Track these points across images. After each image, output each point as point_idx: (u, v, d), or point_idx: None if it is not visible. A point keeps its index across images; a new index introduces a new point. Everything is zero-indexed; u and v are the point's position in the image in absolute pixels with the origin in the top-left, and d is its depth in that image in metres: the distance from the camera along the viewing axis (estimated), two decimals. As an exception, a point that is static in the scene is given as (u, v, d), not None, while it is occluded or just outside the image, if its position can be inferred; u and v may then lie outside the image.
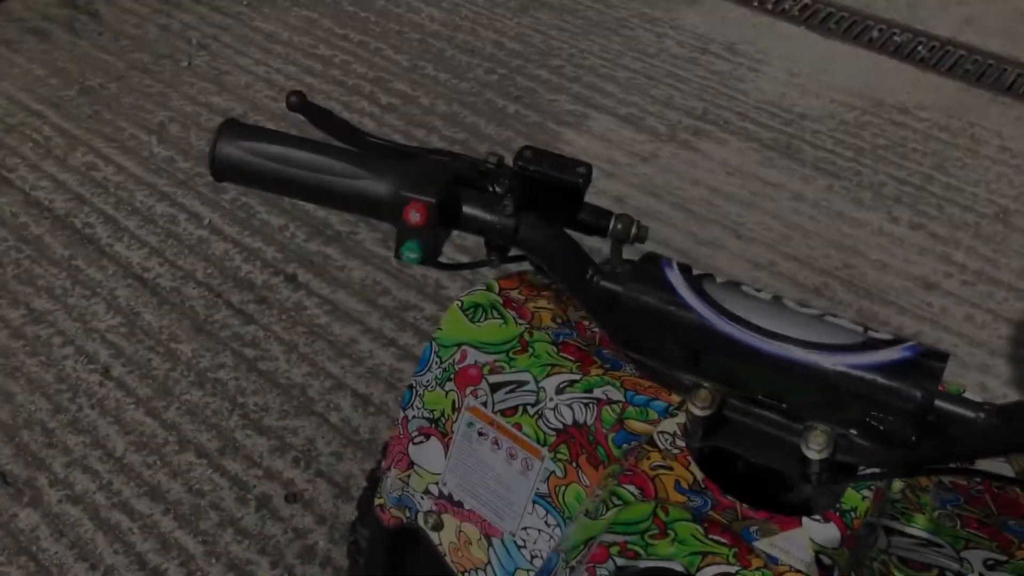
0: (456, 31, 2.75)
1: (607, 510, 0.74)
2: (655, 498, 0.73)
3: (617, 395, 0.86)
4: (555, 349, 0.90)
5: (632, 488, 0.75)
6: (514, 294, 0.96)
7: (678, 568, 0.68)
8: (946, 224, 2.14)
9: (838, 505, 0.71)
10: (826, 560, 0.69)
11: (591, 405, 0.86)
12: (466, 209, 0.67)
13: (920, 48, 2.67)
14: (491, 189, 0.70)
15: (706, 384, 0.68)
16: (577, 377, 0.87)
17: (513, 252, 0.72)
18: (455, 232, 0.70)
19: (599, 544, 0.71)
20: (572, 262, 0.69)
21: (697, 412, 0.69)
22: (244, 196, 2.18)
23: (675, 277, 0.65)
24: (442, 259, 0.70)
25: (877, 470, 0.68)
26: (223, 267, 2.02)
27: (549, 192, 0.72)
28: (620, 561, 0.69)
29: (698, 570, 0.68)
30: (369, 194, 0.66)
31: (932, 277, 2.03)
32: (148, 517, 1.59)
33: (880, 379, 0.59)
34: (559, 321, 0.94)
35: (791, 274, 2.05)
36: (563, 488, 0.87)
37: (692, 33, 2.73)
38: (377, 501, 1.01)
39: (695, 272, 0.66)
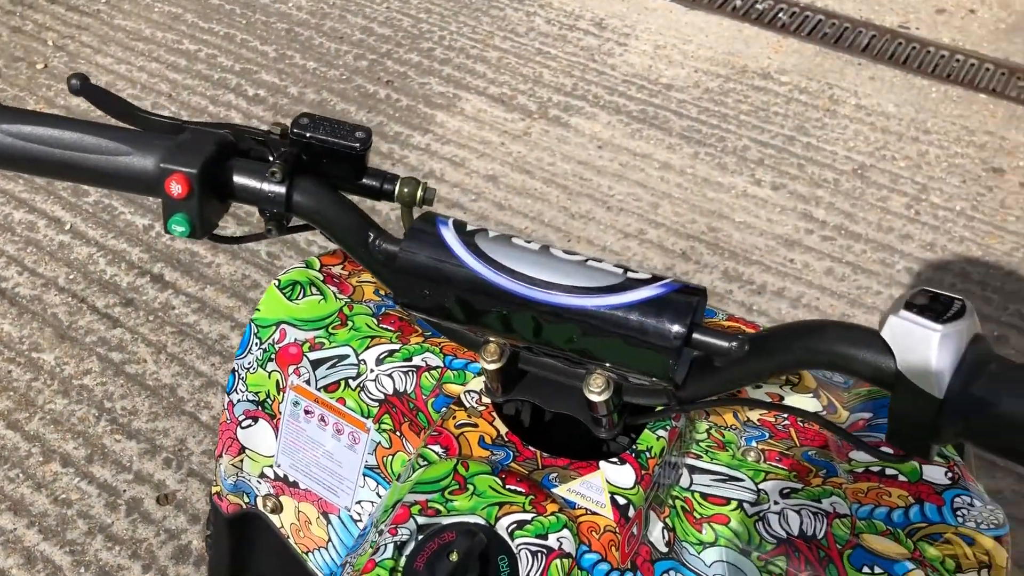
0: (324, 19, 2.72)
1: (414, 472, 0.74)
2: (458, 455, 0.74)
3: (436, 361, 0.87)
4: (375, 321, 0.90)
5: (437, 448, 0.75)
6: (336, 269, 0.96)
7: (479, 521, 0.69)
8: (807, 183, 2.21)
9: (634, 447, 0.73)
10: (621, 500, 0.71)
11: (411, 373, 0.86)
12: (236, 179, 0.67)
13: (781, 14, 2.75)
14: (270, 159, 0.70)
15: (492, 338, 0.69)
16: (397, 347, 0.88)
17: (297, 222, 0.72)
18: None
19: (401, 505, 0.71)
20: (352, 226, 0.69)
21: (487, 366, 0.70)
22: (107, 198, 2.12)
23: (449, 234, 0.66)
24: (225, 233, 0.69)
25: (658, 408, 0.70)
26: (87, 271, 1.97)
27: (330, 158, 0.72)
28: (421, 520, 0.70)
29: (496, 520, 0.69)
30: (134, 170, 0.65)
31: (794, 235, 2.09)
32: (11, 532, 1.54)
33: (637, 316, 0.61)
34: (382, 294, 0.94)
35: (659, 241, 2.09)
36: (390, 458, 0.87)
37: (561, 11, 2.76)
38: (214, 489, 1.00)
39: (469, 228, 0.67)
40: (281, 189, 0.67)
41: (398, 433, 0.86)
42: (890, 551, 0.73)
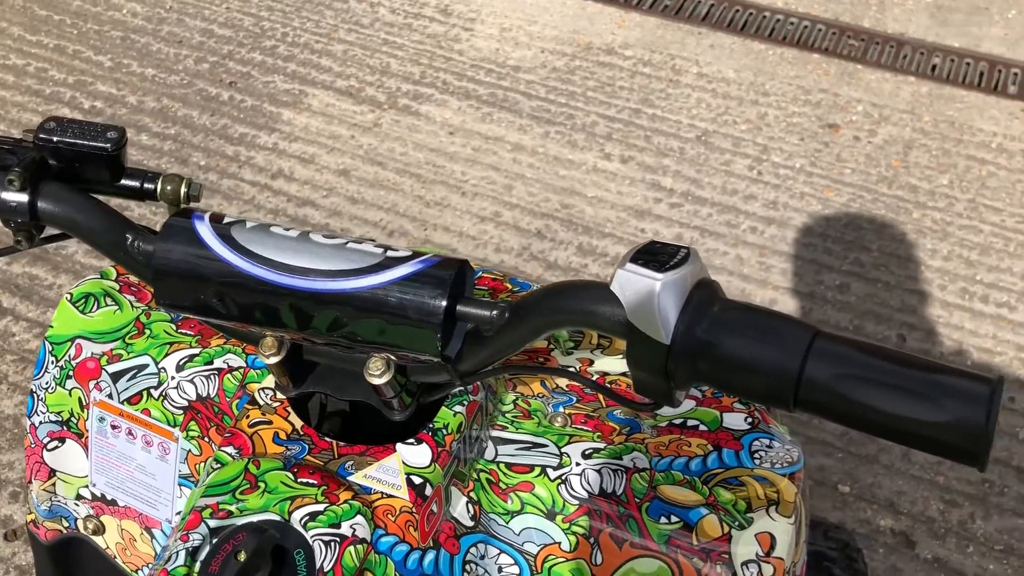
0: (161, 24, 2.63)
1: (208, 476, 0.73)
2: (251, 455, 0.73)
3: (238, 361, 0.85)
4: (173, 327, 0.88)
5: (230, 450, 0.74)
6: (134, 278, 0.93)
7: (273, 517, 0.68)
8: (654, 153, 2.26)
9: (430, 425, 0.73)
10: (417, 480, 0.71)
11: (213, 376, 0.85)
12: None
13: (622, -9, 2.79)
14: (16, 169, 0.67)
15: (268, 332, 0.68)
16: (197, 351, 0.86)
17: (52, 230, 0.69)
18: None
19: (193, 510, 0.70)
20: (107, 229, 0.67)
21: (267, 361, 0.69)
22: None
23: (204, 228, 0.65)
24: None
25: (440, 385, 0.71)
26: (-84, 306, 1.86)
27: (82, 161, 0.69)
28: (213, 523, 0.68)
29: (289, 515, 0.68)
30: None
31: (643, 205, 2.14)
32: None
33: (397, 294, 0.61)
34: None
35: (515, 222, 2.10)
36: (203, 465, 0.85)
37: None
38: (29, 517, 0.96)
39: (227, 220, 0.66)
40: (22, 198, 0.64)
41: (207, 439, 0.85)
42: (686, 499, 0.76)
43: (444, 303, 0.60)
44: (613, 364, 0.89)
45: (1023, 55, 2.54)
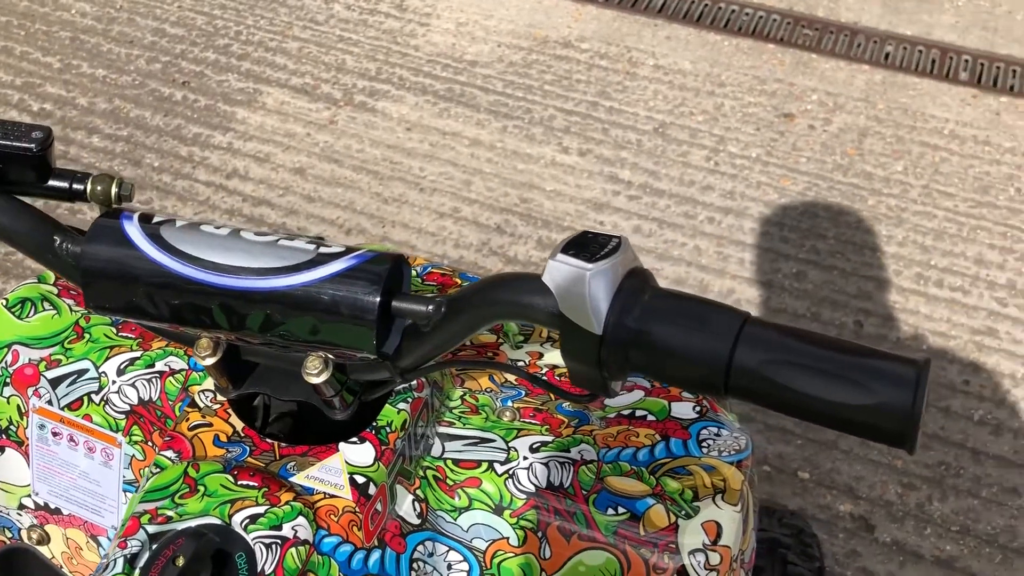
0: (111, 23, 2.59)
1: (147, 482, 0.72)
2: (191, 458, 0.72)
3: (180, 364, 0.84)
4: (114, 330, 0.86)
5: (169, 453, 0.73)
6: (74, 282, 0.91)
7: (213, 521, 0.67)
8: (611, 146, 2.26)
9: (374, 423, 0.73)
10: (360, 479, 0.70)
11: (155, 380, 0.83)
12: None
13: (578, -16, 2.79)
14: None
15: (204, 333, 0.67)
16: (138, 354, 0.84)
17: None
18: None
19: (131, 516, 0.68)
20: (33, 232, 0.66)
21: (203, 363, 0.68)
22: None
23: (132, 228, 0.64)
24: None
25: (382, 382, 0.70)
26: None
27: (5, 163, 0.68)
28: (152, 529, 0.67)
29: (230, 518, 0.67)
30: None
31: (602, 197, 2.14)
32: None
33: (330, 291, 0.60)
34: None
35: (474, 217, 2.10)
36: (147, 471, 0.84)
37: (361, -4, 2.72)
38: (-31, 529, 0.94)
39: (156, 219, 0.65)
40: (-63, 204, 0.62)
41: (150, 443, 0.83)
42: (633, 490, 0.75)
43: (378, 299, 0.60)
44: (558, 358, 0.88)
45: (974, 42, 2.57)
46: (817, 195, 2.16)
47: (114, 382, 0.83)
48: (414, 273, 0.97)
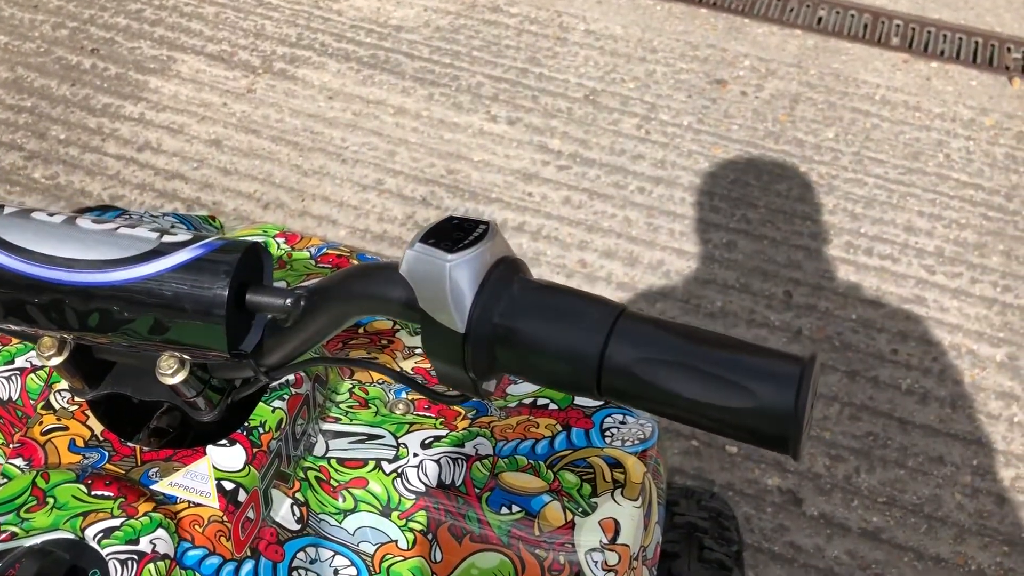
0: (14, -13, 2.45)
1: (-6, 493, 0.65)
2: (43, 466, 0.66)
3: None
4: (-31, 324, 0.79)
5: (18, 462, 0.66)
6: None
7: (66, 536, 0.61)
8: (541, 114, 2.20)
9: (246, 424, 0.67)
10: (229, 485, 0.64)
11: (14, 377, 0.76)
12: None
13: (509, -54, 2.71)
14: None
15: (45, 331, 0.60)
16: (-5, 349, 0.77)
17: None
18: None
19: (-29, 534, 0.62)
20: None
21: (48, 363, 0.61)
22: None
23: (-47, 217, 0.57)
24: None
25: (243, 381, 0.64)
26: None
27: None
28: (-5, 547, 0.61)
29: (83, 532, 0.61)
30: None
31: (531, 168, 2.09)
32: None
33: (172, 285, 0.54)
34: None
35: (398, 190, 2.03)
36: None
37: (282, -42, 2.61)
38: None
39: (-19, 208, 0.58)
40: None
41: (10, 447, 0.76)
42: (528, 486, 0.71)
43: (226, 293, 0.54)
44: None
45: (904, 7, 2.56)
46: (749, 163, 2.13)
47: (-32, 381, 0.76)
48: (307, 255, 0.91)
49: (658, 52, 2.38)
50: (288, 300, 0.55)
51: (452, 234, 0.48)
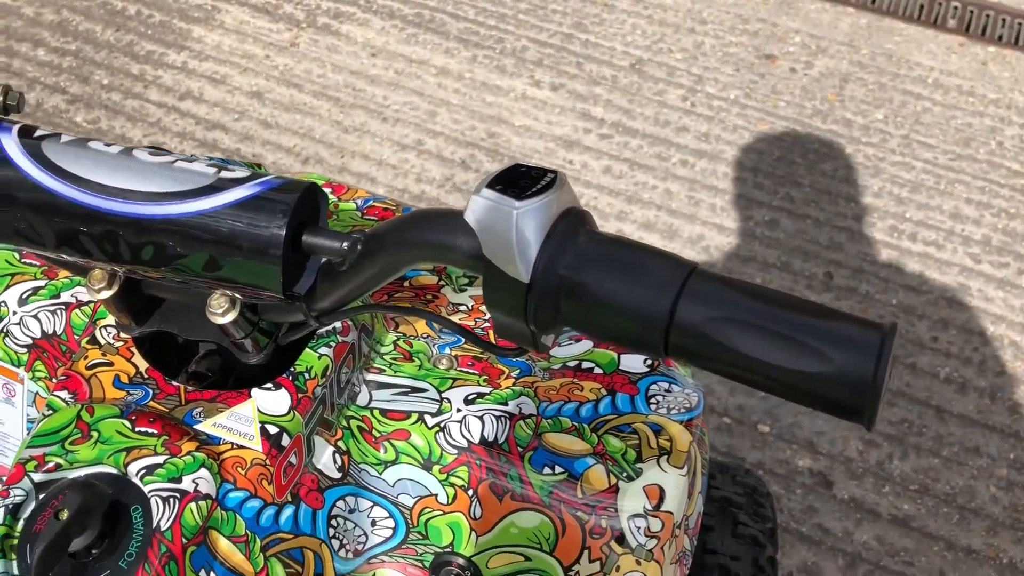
0: (63, -70, 2.44)
1: (36, 425, 0.65)
2: (87, 400, 0.65)
3: (88, 295, 0.77)
4: (16, 256, 0.78)
5: (64, 394, 0.66)
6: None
7: (108, 470, 0.61)
8: (585, 81, 2.17)
9: (292, 368, 0.66)
10: (273, 429, 0.64)
11: (59, 311, 0.76)
12: None
13: (560, -91, 2.66)
14: None
15: (97, 263, 0.60)
16: (42, 283, 0.77)
17: None
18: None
19: (16, 463, 0.62)
20: None
21: (97, 296, 0.61)
22: None
23: (10, 142, 0.56)
24: None
25: (297, 324, 0.63)
26: None
27: None
28: (39, 477, 0.61)
29: (125, 468, 0.61)
30: None
31: (573, 135, 2.06)
32: None
33: (229, 221, 0.53)
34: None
35: (438, 151, 2.01)
36: (39, 413, 0.77)
37: (330, -88, 2.58)
38: None
39: (39, 133, 0.57)
40: None
41: (54, 380, 0.76)
42: (572, 448, 0.70)
43: (283, 232, 0.53)
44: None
45: (964, -12, 2.49)
46: (795, 141, 2.09)
47: (15, 313, 0.76)
48: (353, 206, 0.90)
49: (707, 23, 2.34)
50: (345, 243, 0.54)
51: (519, 181, 0.47)
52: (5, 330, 0.76)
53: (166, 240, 0.54)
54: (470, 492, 0.69)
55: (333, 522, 0.68)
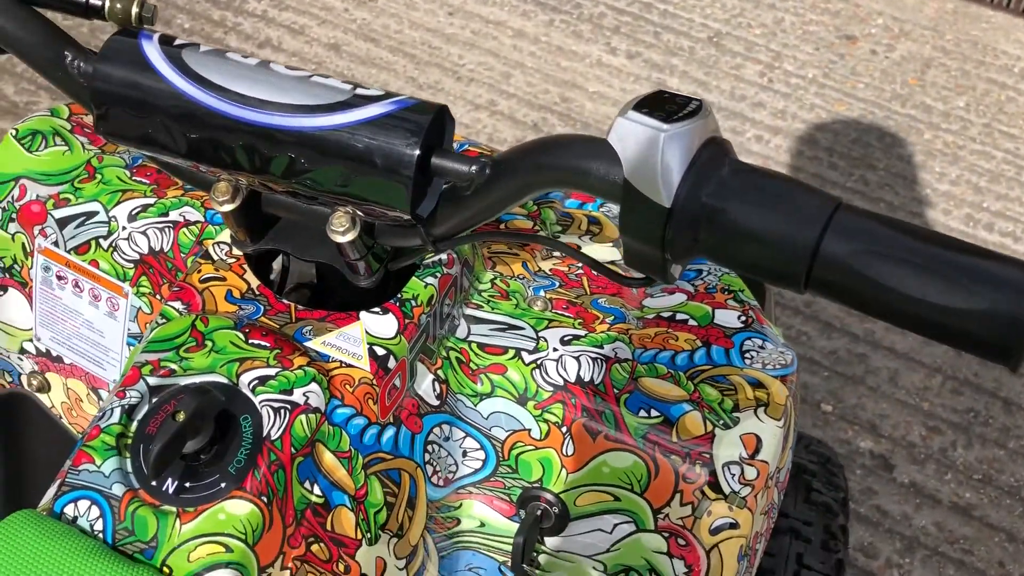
0: None
1: (151, 332, 0.67)
2: (201, 311, 0.67)
3: (196, 215, 0.78)
4: (128, 173, 0.80)
5: (177, 305, 0.68)
6: (89, 118, 0.85)
7: (219, 379, 0.63)
8: (662, 51, 2.15)
9: (400, 295, 0.67)
10: (380, 351, 0.65)
11: (167, 229, 0.78)
12: None
13: None
14: None
15: (224, 175, 0.61)
16: (151, 201, 0.79)
17: None
18: None
19: (132, 366, 0.64)
20: (44, 45, 0.59)
21: (221, 208, 0.62)
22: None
23: (151, 49, 0.57)
24: None
25: (414, 248, 0.64)
26: None
27: None
28: (153, 381, 0.62)
29: (238, 377, 0.62)
30: None
31: (647, 104, 2.05)
32: None
33: (364, 137, 0.54)
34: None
35: (510, 112, 2.01)
36: (152, 323, 0.79)
37: None
38: (-31, 361, 0.90)
39: (178, 43, 0.58)
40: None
41: (158, 296, 0.78)
42: (668, 393, 0.70)
43: (417, 152, 0.53)
44: (603, 251, 0.82)
45: (1056, -22, 2.42)
46: (872, 123, 2.06)
47: (124, 228, 0.78)
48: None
49: (788, 0, 2.30)
50: (474, 167, 0.54)
51: (665, 107, 0.47)
52: (114, 244, 0.78)
53: (300, 153, 0.55)
54: (563, 429, 0.69)
55: (429, 448, 0.69)
